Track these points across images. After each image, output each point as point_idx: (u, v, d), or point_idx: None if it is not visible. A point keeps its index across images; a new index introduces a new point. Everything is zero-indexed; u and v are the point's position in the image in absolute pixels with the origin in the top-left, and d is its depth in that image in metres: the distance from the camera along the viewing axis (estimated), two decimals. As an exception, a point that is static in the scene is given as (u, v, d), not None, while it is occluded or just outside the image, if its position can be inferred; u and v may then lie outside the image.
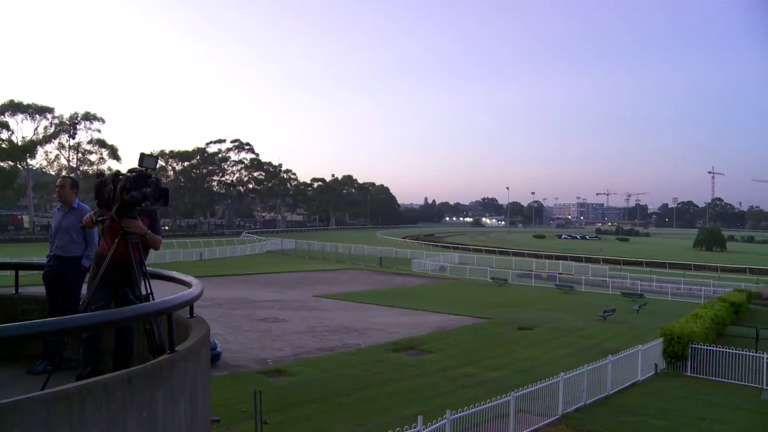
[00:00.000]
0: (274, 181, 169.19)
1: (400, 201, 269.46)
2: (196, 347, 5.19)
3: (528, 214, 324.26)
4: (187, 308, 6.02)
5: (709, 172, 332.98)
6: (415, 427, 13.26)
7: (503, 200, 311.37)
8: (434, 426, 13.86)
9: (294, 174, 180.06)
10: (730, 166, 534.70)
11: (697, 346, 26.44)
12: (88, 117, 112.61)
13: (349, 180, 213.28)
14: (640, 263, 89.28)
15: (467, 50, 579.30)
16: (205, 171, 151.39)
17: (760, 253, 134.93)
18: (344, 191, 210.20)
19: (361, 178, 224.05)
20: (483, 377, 24.21)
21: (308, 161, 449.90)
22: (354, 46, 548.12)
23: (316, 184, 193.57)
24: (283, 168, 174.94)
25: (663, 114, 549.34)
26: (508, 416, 16.45)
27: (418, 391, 21.84)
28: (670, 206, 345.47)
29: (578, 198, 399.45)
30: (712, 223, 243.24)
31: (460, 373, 24.73)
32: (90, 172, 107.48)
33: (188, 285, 6.13)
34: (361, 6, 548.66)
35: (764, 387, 24.48)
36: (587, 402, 20.71)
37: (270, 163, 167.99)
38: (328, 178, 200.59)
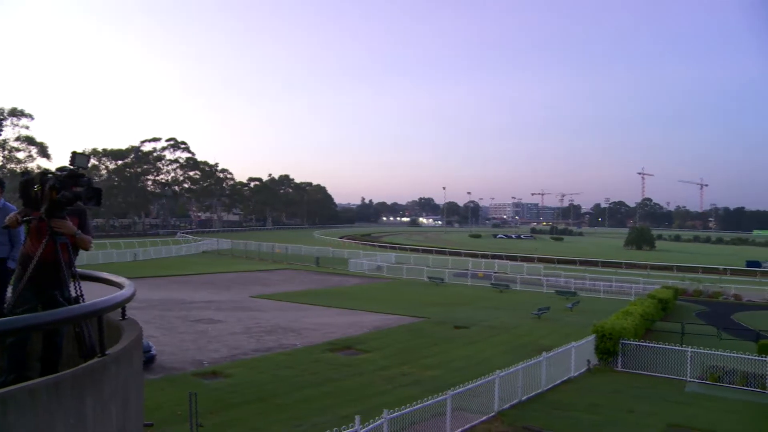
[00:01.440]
0: (210, 181, 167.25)
1: (337, 201, 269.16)
2: (128, 350, 5.08)
3: (464, 214, 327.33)
4: (119, 310, 5.88)
5: (639, 173, 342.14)
6: (352, 427, 13.26)
7: (440, 200, 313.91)
8: (372, 425, 13.87)
9: (230, 173, 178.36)
10: (658, 167, 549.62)
11: (627, 342, 27.19)
12: (15, 113, 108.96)
13: (285, 179, 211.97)
14: (573, 262, 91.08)
15: (404, 50, 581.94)
16: (139, 170, 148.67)
17: (686, 251, 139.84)
18: (281, 191, 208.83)
19: (298, 178, 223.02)
20: (420, 376, 24.36)
21: (245, 161, 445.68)
22: (290, 45, 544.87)
23: (252, 184, 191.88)
24: (220, 167, 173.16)
25: (596, 116, 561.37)
26: (444, 414, 16.57)
27: (355, 390, 21.86)
28: (602, 206, 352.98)
29: (514, 198, 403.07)
30: (642, 223, 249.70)
31: (397, 373, 24.84)
32: (18, 170, 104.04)
33: (120, 286, 5.99)
34: (296, 4, 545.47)
35: (688, 379, 25.46)
36: (522, 399, 21.02)
37: (206, 163, 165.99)
38: (264, 178, 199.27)
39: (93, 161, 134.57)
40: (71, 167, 5.62)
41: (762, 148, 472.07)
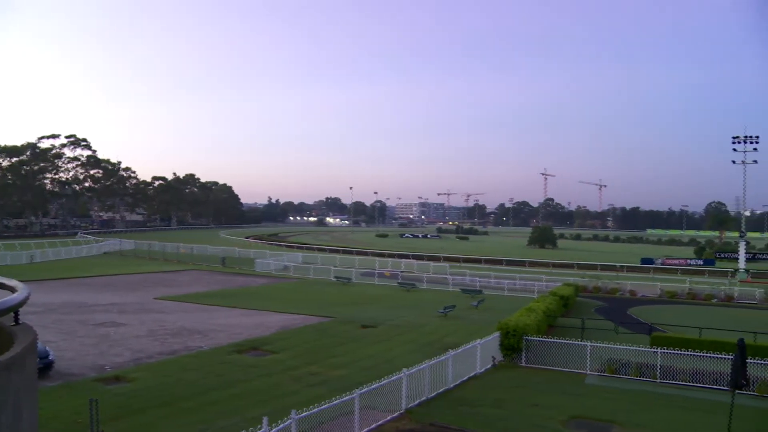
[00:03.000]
0: (112, 180, 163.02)
1: (243, 200, 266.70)
2: (20, 356, 4.87)
3: (371, 214, 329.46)
4: (12, 315, 5.63)
5: (542, 174, 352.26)
6: (260, 428, 13.14)
7: (347, 200, 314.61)
8: (280, 426, 13.77)
9: (134, 172, 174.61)
10: (560, 168, 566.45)
11: (530, 338, 27.87)
12: None
13: (191, 179, 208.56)
14: (478, 260, 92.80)
15: (311, 50, 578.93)
16: (36, 168, 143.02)
17: (586, 249, 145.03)
18: (186, 190, 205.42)
19: (204, 177, 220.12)
20: (327, 376, 24.33)
21: (149, 159, 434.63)
22: (195, 43, 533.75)
23: (157, 183, 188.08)
24: (123, 166, 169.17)
25: (500, 117, 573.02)
26: (353, 413, 16.60)
27: (262, 391, 21.68)
28: (506, 206, 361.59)
29: (420, 198, 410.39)
30: (544, 222, 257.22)
31: (305, 373, 24.76)
32: None
33: (12, 290, 5.74)
34: (201, 1, 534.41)
35: (588, 372, 26.42)
36: (430, 396, 21.25)
37: (108, 161, 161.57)
38: (169, 177, 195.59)
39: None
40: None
41: (655, 152, 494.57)
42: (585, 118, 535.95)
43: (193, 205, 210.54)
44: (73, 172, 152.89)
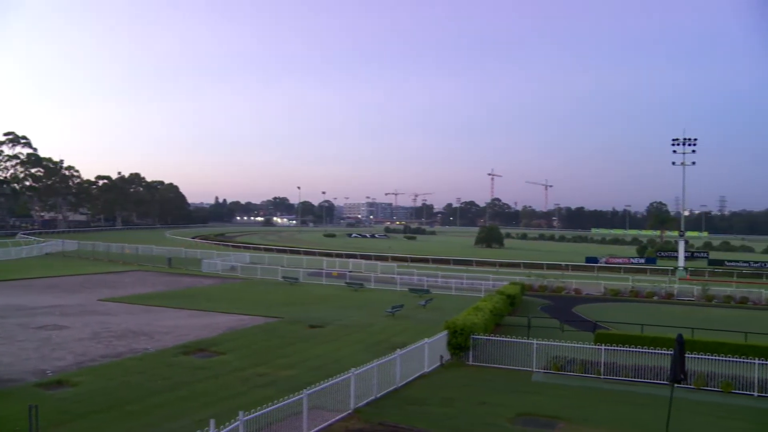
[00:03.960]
0: (54, 179, 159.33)
1: (190, 200, 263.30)
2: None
3: (319, 214, 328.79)
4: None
5: (489, 174, 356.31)
6: (207, 431, 13.06)
7: (294, 200, 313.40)
8: (227, 428, 13.69)
9: (77, 171, 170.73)
10: (507, 168, 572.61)
11: (477, 336, 28.14)
12: None
13: (136, 178, 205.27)
14: (426, 260, 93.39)
15: (257, 50, 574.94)
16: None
17: (532, 249, 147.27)
18: (131, 190, 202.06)
19: (150, 176, 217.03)
20: (275, 376, 24.26)
21: (93, 159, 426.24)
22: (139, 41, 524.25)
23: (101, 182, 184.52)
24: (65, 165, 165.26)
25: (447, 118, 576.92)
26: (301, 414, 16.59)
27: (210, 393, 21.49)
28: (454, 206, 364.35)
29: (368, 198, 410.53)
30: (491, 222, 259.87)
31: (253, 374, 24.64)
32: None
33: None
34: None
35: (534, 370, 26.83)
36: (378, 395, 21.32)
37: (50, 159, 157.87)
38: (114, 176, 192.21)
39: None
40: None
41: (600, 153, 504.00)
42: (532, 120, 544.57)
43: (139, 204, 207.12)
44: (12, 171, 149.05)
